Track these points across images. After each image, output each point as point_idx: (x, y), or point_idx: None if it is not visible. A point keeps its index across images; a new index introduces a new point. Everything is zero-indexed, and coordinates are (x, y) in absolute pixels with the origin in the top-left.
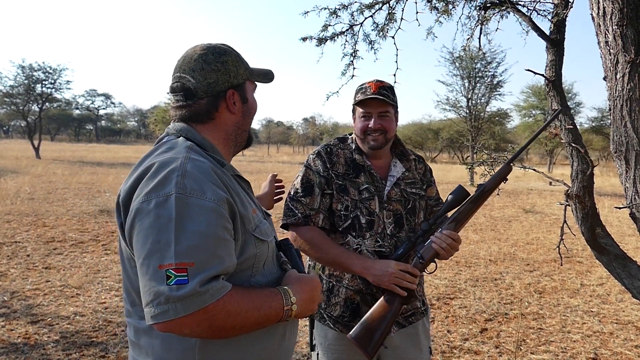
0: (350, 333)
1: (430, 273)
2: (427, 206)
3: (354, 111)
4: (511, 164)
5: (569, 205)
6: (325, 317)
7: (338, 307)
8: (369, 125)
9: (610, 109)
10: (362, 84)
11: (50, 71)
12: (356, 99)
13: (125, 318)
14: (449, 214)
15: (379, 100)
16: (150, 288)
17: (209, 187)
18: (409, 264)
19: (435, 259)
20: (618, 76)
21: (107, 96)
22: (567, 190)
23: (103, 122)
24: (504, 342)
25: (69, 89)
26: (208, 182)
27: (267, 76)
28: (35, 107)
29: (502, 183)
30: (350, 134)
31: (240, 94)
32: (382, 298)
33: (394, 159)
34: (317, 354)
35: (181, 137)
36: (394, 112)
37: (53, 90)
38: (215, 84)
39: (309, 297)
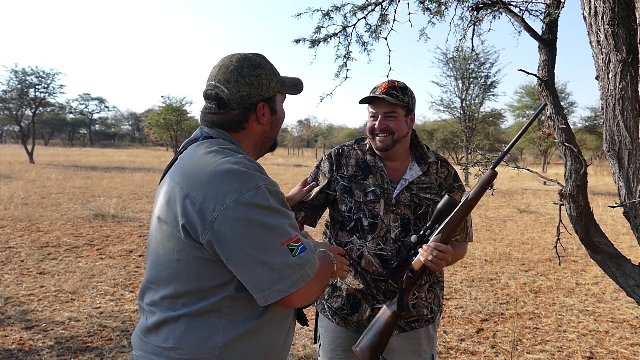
0: (355, 346)
1: (422, 286)
2: None
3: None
4: (495, 169)
5: (563, 204)
6: (325, 308)
7: (340, 299)
8: (375, 126)
9: (602, 108)
10: (377, 84)
11: (44, 75)
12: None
13: (147, 307)
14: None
15: (385, 100)
16: (278, 265)
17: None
18: (403, 278)
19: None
20: (610, 75)
21: (100, 100)
22: (561, 189)
23: (97, 126)
24: (500, 342)
25: (63, 93)
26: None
27: (296, 87)
28: (28, 112)
29: (488, 189)
30: None
31: (270, 106)
32: (382, 308)
33: (412, 161)
34: (320, 345)
35: (220, 139)
36: (405, 113)
37: (46, 94)
38: (248, 97)
39: (335, 258)
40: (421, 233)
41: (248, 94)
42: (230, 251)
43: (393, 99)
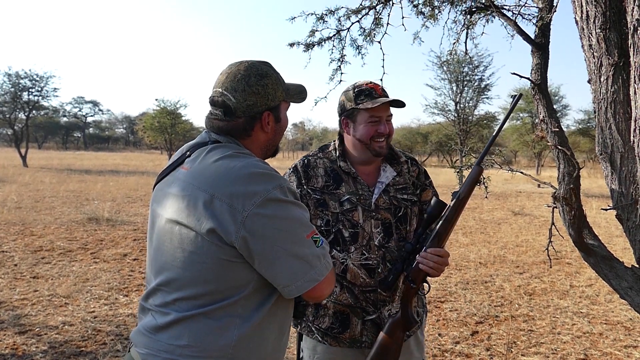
0: None
1: (425, 294)
2: (421, 212)
3: (351, 116)
4: (481, 165)
5: (556, 207)
6: (313, 330)
7: (327, 318)
8: (379, 130)
9: (595, 112)
10: (359, 87)
11: (37, 79)
12: (364, 104)
13: (157, 308)
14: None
15: (387, 103)
16: (308, 256)
17: None
18: (401, 289)
19: (428, 279)
20: (602, 79)
21: (94, 103)
22: (554, 192)
23: (91, 129)
24: (494, 345)
25: (56, 96)
26: None
27: (300, 95)
28: (22, 115)
29: (477, 186)
30: (333, 141)
31: (275, 115)
32: (380, 333)
33: (383, 163)
34: None
35: (232, 145)
36: None
37: (40, 98)
38: (254, 106)
39: None
40: (413, 241)
41: (254, 103)
42: (263, 246)
43: (395, 102)
